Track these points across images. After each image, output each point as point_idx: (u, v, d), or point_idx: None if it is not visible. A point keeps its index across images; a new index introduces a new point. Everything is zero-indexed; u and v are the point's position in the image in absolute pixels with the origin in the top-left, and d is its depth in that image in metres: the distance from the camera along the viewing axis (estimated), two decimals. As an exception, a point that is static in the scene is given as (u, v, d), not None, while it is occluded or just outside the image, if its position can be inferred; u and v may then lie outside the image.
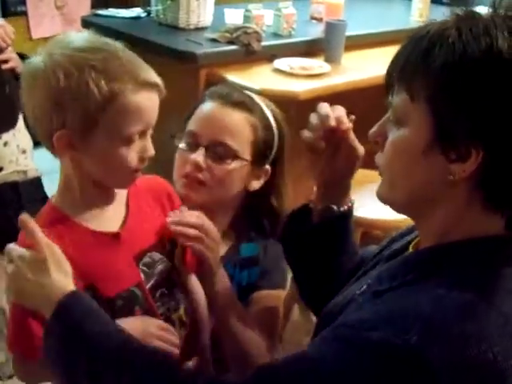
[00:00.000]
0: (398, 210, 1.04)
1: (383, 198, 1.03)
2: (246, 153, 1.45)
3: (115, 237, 1.19)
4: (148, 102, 1.13)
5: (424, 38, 0.94)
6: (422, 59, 0.93)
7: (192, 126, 1.47)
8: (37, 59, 1.12)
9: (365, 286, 1.08)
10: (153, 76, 1.14)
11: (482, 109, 0.90)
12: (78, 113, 1.08)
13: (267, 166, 1.49)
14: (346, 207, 1.30)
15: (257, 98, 1.51)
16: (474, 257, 0.95)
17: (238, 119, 1.44)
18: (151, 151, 1.17)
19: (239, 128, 1.43)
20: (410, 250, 1.08)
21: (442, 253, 0.98)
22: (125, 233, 1.21)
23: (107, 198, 1.22)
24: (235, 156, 1.43)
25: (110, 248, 1.19)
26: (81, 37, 1.15)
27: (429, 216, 0.99)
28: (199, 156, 1.40)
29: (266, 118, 1.48)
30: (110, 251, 1.19)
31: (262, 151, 1.47)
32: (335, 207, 1.29)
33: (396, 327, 0.87)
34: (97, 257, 1.18)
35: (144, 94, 1.12)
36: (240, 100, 1.46)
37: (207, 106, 1.47)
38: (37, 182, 2.56)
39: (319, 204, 1.30)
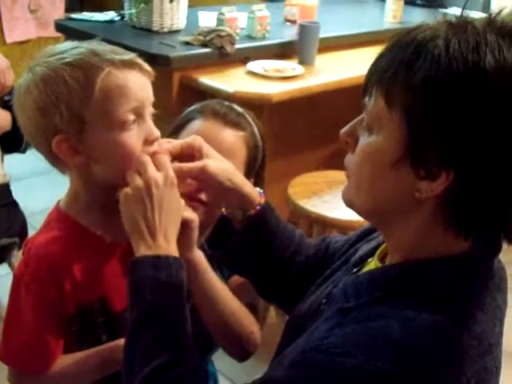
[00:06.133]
0: (362, 215, 1.01)
1: (348, 201, 0.99)
2: (241, 172, 1.39)
3: (127, 248, 1.14)
4: (130, 82, 1.09)
5: (410, 44, 0.88)
6: (405, 68, 0.87)
7: None
8: (21, 79, 1.11)
9: (331, 292, 1.06)
10: (131, 56, 1.12)
11: (459, 131, 0.84)
12: (65, 112, 1.06)
13: (251, 180, 1.45)
14: (252, 211, 1.22)
15: (246, 114, 1.48)
16: (443, 275, 0.92)
17: (236, 141, 1.40)
18: (155, 132, 1.13)
19: (237, 150, 1.40)
20: (375, 259, 1.05)
21: (409, 271, 0.94)
22: None
23: (118, 207, 1.14)
24: None
25: (122, 260, 1.17)
26: (58, 45, 1.13)
27: (393, 229, 0.96)
28: None
29: (255, 135, 1.46)
30: (122, 263, 1.17)
31: (251, 167, 1.45)
32: (240, 213, 1.23)
33: (368, 353, 0.84)
34: (110, 268, 1.18)
35: (124, 74, 1.09)
36: (238, 121, 1.43)
37: (203, 126, 1.40)
38: (3, 189, 2.56)
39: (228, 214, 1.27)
